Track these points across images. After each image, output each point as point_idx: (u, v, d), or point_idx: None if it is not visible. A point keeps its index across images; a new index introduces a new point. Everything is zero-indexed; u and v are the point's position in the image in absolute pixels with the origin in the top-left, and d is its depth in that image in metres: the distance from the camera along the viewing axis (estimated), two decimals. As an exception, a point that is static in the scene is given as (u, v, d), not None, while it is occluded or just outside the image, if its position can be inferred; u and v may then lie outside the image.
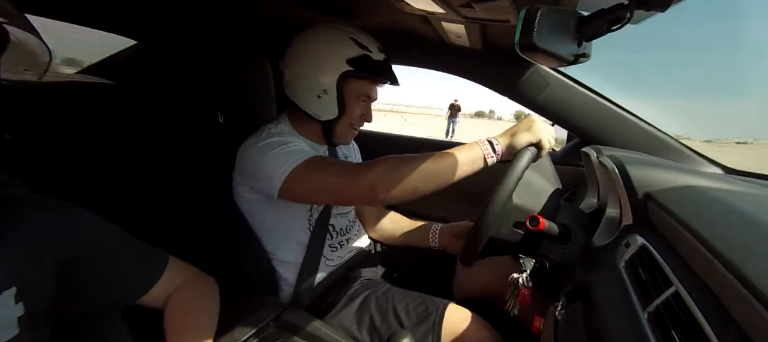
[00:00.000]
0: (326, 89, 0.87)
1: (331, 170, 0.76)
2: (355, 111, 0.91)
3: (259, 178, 0.81)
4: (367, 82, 0.89)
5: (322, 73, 0.86)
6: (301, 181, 0.77)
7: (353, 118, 0.92)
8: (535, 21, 0.45)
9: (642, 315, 0.43)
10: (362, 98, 0.91)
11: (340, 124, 0.91)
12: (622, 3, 0.44)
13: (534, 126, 0.74)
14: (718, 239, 0.40)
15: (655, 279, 0.46)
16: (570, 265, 0.72)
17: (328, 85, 0.86)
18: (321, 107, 0.88)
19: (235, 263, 0.91)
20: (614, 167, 0.70)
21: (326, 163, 0.79)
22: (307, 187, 0.77)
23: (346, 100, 0.89)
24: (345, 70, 0.85)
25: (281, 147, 0.80)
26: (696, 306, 0.37)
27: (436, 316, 0.83)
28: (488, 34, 0.95)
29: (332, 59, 0.85)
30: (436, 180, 0.71)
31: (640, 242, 0.55)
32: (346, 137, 0.96)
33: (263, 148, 0.81)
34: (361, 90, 0.89)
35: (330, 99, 0.87)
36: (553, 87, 1.05)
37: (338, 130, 0.92)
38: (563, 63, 0.51)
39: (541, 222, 0.68)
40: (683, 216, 0.48)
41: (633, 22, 0.46)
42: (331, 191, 0.77)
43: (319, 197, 0.82)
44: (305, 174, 0.76)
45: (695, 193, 0.60)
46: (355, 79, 0.87)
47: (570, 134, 1.28)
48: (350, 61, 0.85)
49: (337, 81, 0.86)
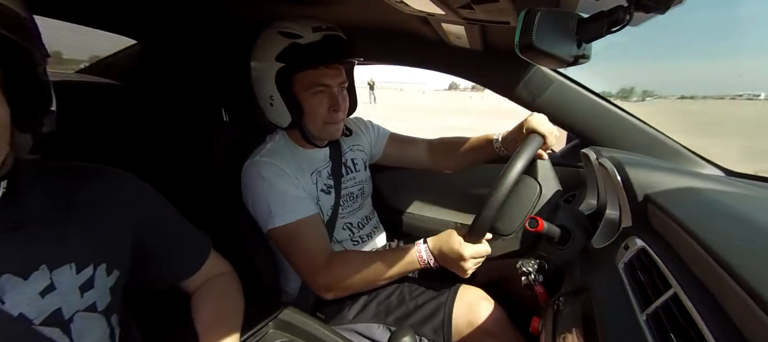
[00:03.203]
0: (272, 95, 0.83)
1: (299, 251, 0.83)
2: (315, 105, 0.84)
3: (252, 211, 0.86)
4: (310, 69, 0.81)
5: (262, 80, 0.83)
6: (277, 241, 0.85)
7: (318, 113, 0.85)
8: (535, 22, 0.45)
9: (641, 317, 0.43)
10: (316, 89, 0.83)
11: (307, 124, 0.86)
12: (621, 5, 0.44)
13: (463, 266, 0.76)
14: (717, 242, 0.40)
15: (654, 281, 0.46)
16: (569, 267, 0.72)
17: (271, 89, 0.82)
18: (277, 114, 0.85)
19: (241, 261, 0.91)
20: (614, 169, 0.70)
21: (300, 240, 0.83)
22: (281, 248, 0.85)
23: (300, 98, 0.83)
24: (277, 68, 0.80)
25: (273, 195, 0.82)
26: (694, 308, 0.37)
27: (449, 295, 0.85)
28: (488, 35, 0.95)
29: (263, 63, 0.82)
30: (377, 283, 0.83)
31: (640, 244, 0.55)
32: (325, 134, 0.89)
33: (257, 186, 0.83)
34: (307, 81, 0.82)
35: (279, 103, 0.83)
36: (552, 88, 1.05)
37: (311, 131, 0.88)
38: (563, 64, 0.51)
39: (541, 223, 0.68)
40: (682, 218, 0.48)
41: (632, 23, 0.46)
42: (296, 267, 0.85)
43: (288, 261, 0.87)
44: (281, 239, 0.83)
45: (695, 195, 0.60)
46: (295, 72, 0.81)
47: (570, 135, 1.28)
48: (279, 56, 0.79)
49: (276, 82, 0.81)
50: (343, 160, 0.99)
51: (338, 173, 0.96)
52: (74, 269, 0.47)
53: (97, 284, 0.49)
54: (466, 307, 0.83)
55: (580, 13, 0.50)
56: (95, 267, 0.49)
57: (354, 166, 1.02)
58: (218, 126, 1.20)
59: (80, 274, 0.47)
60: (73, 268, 0.47)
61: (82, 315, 0.47)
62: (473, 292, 0.87)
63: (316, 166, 0.92)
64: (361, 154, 1.05)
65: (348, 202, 0.98)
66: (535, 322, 0.71)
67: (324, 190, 0.92)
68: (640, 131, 1.01)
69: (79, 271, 0.47)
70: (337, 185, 0.95)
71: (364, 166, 1.05)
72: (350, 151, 1.03)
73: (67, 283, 0.46)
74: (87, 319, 0.48)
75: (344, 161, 1.00)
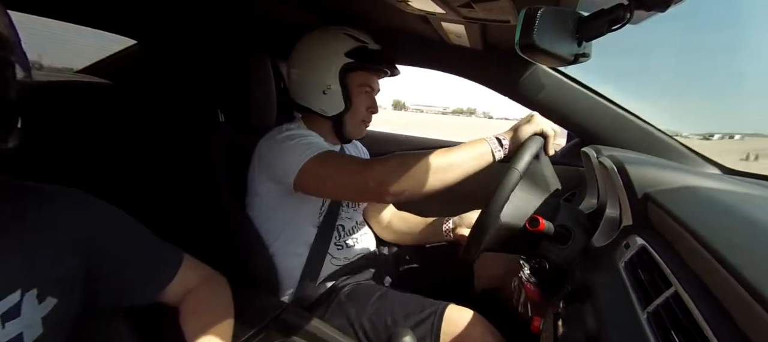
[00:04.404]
0: (330, 85, 0.91)
1: (343, 164, 0.80)
2: (360, 103, 0.95)
3: (276, 169, 0.84)
4: (367, 72, 0.94)
5: (325, 70, 0.91)
6: (315, 173, 0.79)
7: (360, 110, 0.96)
8: (535, 21, 0.45)
9: (641, 315, 0.43)
10: (365, 89, 0.95)
11: (348, 118, 0.95)
12: (622, 3, 0.44)
13: (535, 118, 0.75)
14: (718, 240, 0.40)
15: (655, 279, 0.46)
16: (569, 266, 0.72)
17: (331, 80, 0.91)
18: (328, 103, 0.93)
19: (239, 262, 0.91)
20: (614, 167, 0.70)
21: (339, 157, 0.84)
22: (319, 179, 0.80)
23: (351, 93, 0.93)
24: (345, 63, 0.90)
25: (298, 139, 0.84)
26: (695, 307, 0.37)
27: (436, 318, 0.82)
28: (488, 34, 0.96)
29: (331, 55, 0.90)
30: (445, 176, 0.71)
31: (640, 243, 0.55)
32: (357, 131, 0.99)
33: (281, 141, 0.85)
34: (362, 81, 0.94)
35: (335, 94, 0.91)
36: (553, 87, 1.05)
37: (349, 125, 0.96)
38: (563, 63, 0.51)
39: (541, 222, 0.68)
40: (683, 216, 0.48)
41: (633, 22, 0.46)
42: (342, 185, 0.78)
43: (330, 190, 0.84)
44: (319, 166, 0.79)
45: (695, 193, 0.60)
46: (355, 71, 0.92)
47: (570, 134, 1.28)
48: (348, 53, 0.90)
49: (339, 75, 0.90)
50: None
51: None
52: None
53: (25, 313, 0.43)
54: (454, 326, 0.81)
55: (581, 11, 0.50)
56: (23, 293, 0.43)
57: None
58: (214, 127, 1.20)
59: (3, 301, 0.42)
60: None
61: None
62: (461, 312, 0.84)
63: None
64: None
65: (347, 206, 1.00)
66: (536, 322, 0.71)
67: None
68: (640, 130, 1.01)
69: (2, 298, 0.42)
70: None
71: None
72: None
73: None
74: None
75: None
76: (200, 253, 0.72)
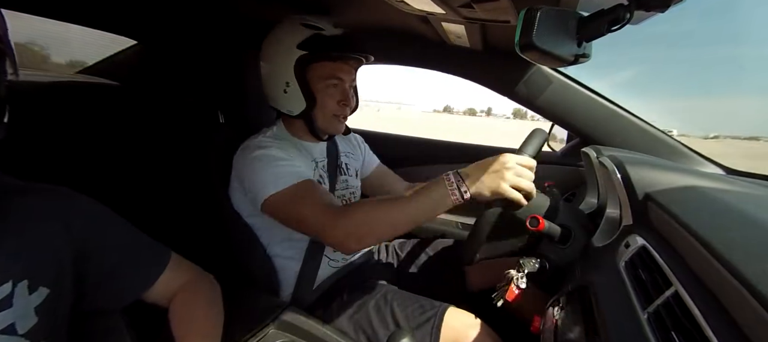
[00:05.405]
0: (288, 81, 0.85)
1: (310, 207, 0.75)
2: (326, 97, 0.87)
3: (248, 188, 0.82)
4: (329, 62, 0.86)
5: (281, 67, 0.85)
6: (281, 209, 0.78)
7: (328, 105, 0.88)
8: (535, 21, 0.45)
9: (642, 315, 0.43)
10: (331, 81, 0.87)
11: (317, 114, 0.89)
12: (622, 3, 0.44)
13: (505, 175, 0.65)
14: (718, 240, 0.40)
15: (655, 279, 0.46)
16: (570, 266, 0.72)
17: (288, 76, 0.85)
18: (289, 101, 0.87)
19: (236, 262, 0.91)
20: (614, 167, 0.70)
21: (308, 197, 0.76)
22: (285, 215, 0.79)
23: (313, 87, 0.86)
24: (298, 55, 0.83)
25: (271, 165, 0.79)
26: (696, 306, 0.37)
27: (435, 320, 0.82)
28: (488, 34, 0.95)
29: (284, 49, 0.85)
30: (407, 227, 0.72)
31: (640, 243, 0.55)
32: (331, 127, 0.92)
33: (254, 161, 0.81)
34: (324, 72, 0.86)
35: (294, 90, 0.85)
36: (553, 87, 1.05)
37: (319, 122, 0.90)
38: (563, 63, 0.51)
39: (541, 222, 0.68)
40: (683, 216, 0.48)
41: (633, 22, 0.46)
42: (306, 227, 0.78)
43: (296, 228, 0.80)
44: (286, 202, 0.77)
45: (695, 193, 0.60)
46: (313, 62, 0.84)
47: (570, 134, 1.28)
48: (301, 44, 0.83)
49: (295, 69, 0.84)
50: (338, 161, 1.00)
51: (333, 172, 0.97)
52: None
53: (17, 303, 0.45)
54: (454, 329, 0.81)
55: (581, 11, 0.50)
56: (15, 284, 0.45)
57: (347, 170, 1.03)
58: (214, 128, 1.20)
59: None
60: None
61: None
62: (461, 315, 0.83)
63: (314, 156, 0.93)
64: (355, 162, 1.06)
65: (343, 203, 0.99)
66: (536, 322, 0.71)
67: (320, 182, 0.92)
68: (640, 130, 1.01)
69: None
70: (332, 185, 0.95)
71: (356, 174, 1.06)
72: (345, 156, 1.03)
73: None
74: None
75: (339, 163, 1.01)
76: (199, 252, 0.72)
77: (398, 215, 0.70)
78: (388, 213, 0.70)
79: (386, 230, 0.72)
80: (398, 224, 0.71)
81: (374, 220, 0.70)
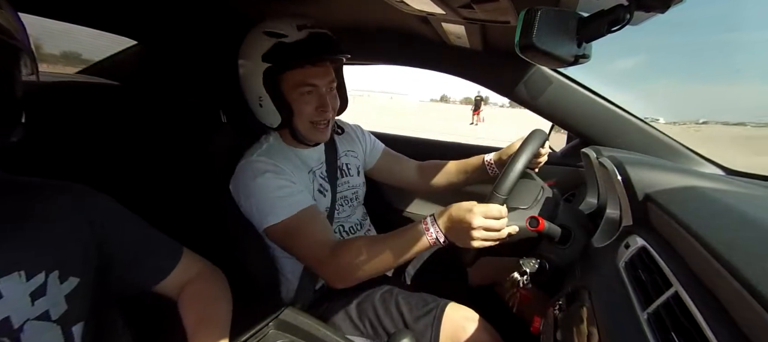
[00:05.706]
0: (260, 95, 0.82)
1: (303, 245, 0.80)
2: (303, 105, 0.83)
3: (247, 213, 0.84)
4: (298, 69, 0.81)
5: (250, 81, 0.83)
6: (278, 240, 0.83)
7: (305, 113, 0.84)
8: (535, 22, 0.45)
9: (642, 316, 0.43)
10: (304, 89, 0.83)
11: (297, 125, 0.86)
12: (622, 4, 0.44)
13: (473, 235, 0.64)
14: (718, 240, 0.40)
15: (655, 280, 0.46)
16: (570, 266, 0.72)
17: (259, 90, 0.82)
18: (266, 115, 0.85)
19: (237, 262, 0.91)
20: (614, 168, 0.70)
21: (302, 231, 0.79)
22: (282, 244, 0.84)
23: (288, 97, 0.82)
24: (264, 68, 0.80)
25: (268, 195, 0.80)
26: (696, 307, 0.37)
27: (437, 311, 0.83)
28: (488, 35, 0.95)
29: (251, 63, 0.82)
30: (389, 268, 0.78)
31: (640, 243, 0.55)
32: (313, 135, 0.88)
33: (252, 189, 0.81)
34: (295, 80, 0.82)
35: (268, 104, 0.83)
36: (553, 88, 1.05)
37: (301, 132, 0.87)
38: (563, 64, 0.51)
39: (541, 223, 0.68)
40: (683, 217, 0.48)
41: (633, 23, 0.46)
42: (302, 258, 0.83)
43: (293, 254, 0.84)
44: (282, 236, 0.81)
45: (695, 194, 0.60)
46: (281, 72, 0.81)
47: (570, 135, 1.28)
48: (265, 56, 0.79)
49: (264, 82, 0.81)
50: (337, 164, 0.99)
51: (333, 176, 0.96)
52: (24, 277, 0.46)
53: (50, 292, 0.48)
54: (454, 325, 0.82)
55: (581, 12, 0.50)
56: (47, 274, 0.48)
57: (348, 171, 1.02)
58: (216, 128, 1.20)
59: (30, 282, 0.47)
60: (22, 275, 0.46)
61: (34, 324, 0.47)
62: (461, 311, 0.84)
63: (311, 165, 0.93)
64: (355, 160, 1.06)
65: (343, 206, 0.99)
66: (537, 322, 0.71)
67: (320, 190, 0.92)
68: (639, 130, 1.01)
69: (29, 279, 0.47)
70: (333, 188, 0.95)
71: (357, 171, 1.05)
72: (345, 155, 1.03)
73: (16, 290, 0.46)
74: (39, 328, 0.47)
75: (339, 165, 1.00)
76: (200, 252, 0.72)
77: (381, 258, 0.74)
78: (373, 255, 0.74)
79: (371, 271, 0.75)
80: (381, 265, 0.75)
81: (359, 263, 0.74)
